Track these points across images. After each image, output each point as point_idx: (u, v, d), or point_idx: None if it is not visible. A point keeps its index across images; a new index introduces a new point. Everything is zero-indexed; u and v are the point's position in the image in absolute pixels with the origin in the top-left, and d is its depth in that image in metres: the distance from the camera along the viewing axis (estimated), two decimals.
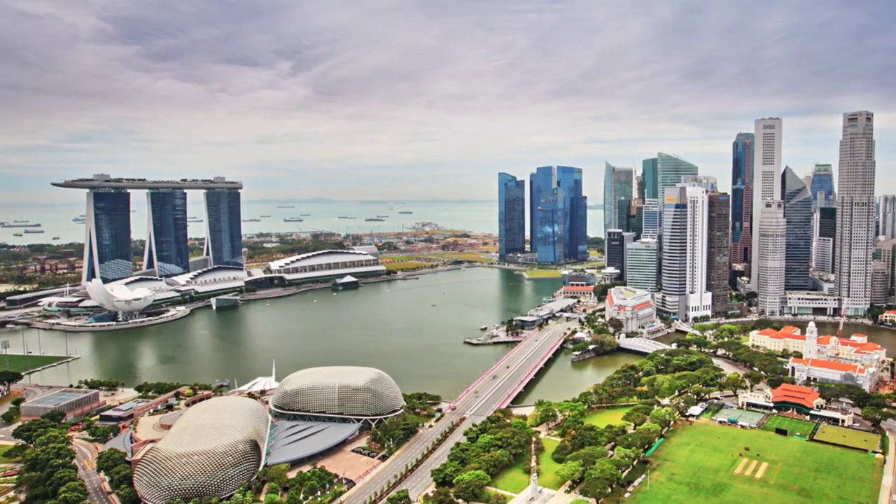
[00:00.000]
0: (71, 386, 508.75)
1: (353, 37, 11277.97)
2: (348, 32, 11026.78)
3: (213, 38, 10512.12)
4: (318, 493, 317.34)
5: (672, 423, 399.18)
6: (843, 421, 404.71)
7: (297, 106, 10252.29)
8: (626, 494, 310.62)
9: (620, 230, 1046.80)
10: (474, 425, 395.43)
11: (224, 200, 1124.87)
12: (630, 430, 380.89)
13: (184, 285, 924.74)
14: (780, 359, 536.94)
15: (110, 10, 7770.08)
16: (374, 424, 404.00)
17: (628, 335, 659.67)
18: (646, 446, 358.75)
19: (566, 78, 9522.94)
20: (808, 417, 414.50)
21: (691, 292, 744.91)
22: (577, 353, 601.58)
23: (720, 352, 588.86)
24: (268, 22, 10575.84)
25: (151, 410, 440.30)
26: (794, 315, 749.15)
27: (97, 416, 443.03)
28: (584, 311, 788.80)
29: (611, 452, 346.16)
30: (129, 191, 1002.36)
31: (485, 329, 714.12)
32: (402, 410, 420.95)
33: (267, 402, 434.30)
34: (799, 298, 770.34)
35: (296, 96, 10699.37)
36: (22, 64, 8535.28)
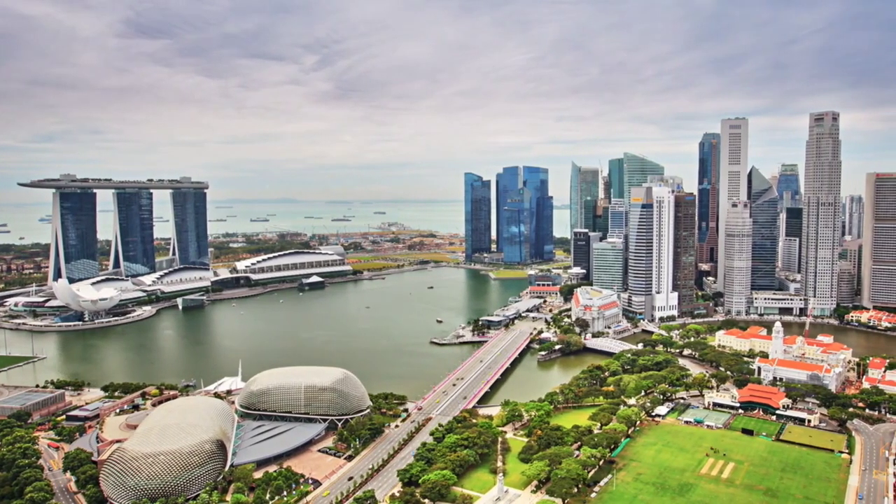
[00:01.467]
0: (37, 386, 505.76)
1: (384, 30, 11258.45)
2: (381, 25, 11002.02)
3: (244, 31, 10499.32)
4: (285, 493, 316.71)
5: (638, 423, 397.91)
6: (809, 421, 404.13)
7: (317, 100, 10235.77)
8: (593, 494, 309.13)
9: (587, 230, 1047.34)
10: (440, 425, 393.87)
11: (190, 200, 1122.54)
12: (596, 430, 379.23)
13: (150, 285, 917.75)
14: (746, 359, 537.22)
15: (146, 2, 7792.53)
16: (340, 424, 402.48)
17: (594, 335, 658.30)
18: (612, 446, 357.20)
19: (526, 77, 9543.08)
20: (774, 417, 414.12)
21: (657, 292, 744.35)
22: (543, 353, 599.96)
23: (686, 352, 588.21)
24: (302, 15, 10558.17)
25: (118, 410, 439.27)
26: (761, 315, 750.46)
27: (63, 416, 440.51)
28: (551, 311, 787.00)
29: (577, 452, 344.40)
30: (95, 191, 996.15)
31: (440, 321, 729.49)
32: (368, 410, 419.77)
33: (233, 402, 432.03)
34: (765, 298, 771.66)
35: (315, 91, 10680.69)
36: (44, 57, 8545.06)
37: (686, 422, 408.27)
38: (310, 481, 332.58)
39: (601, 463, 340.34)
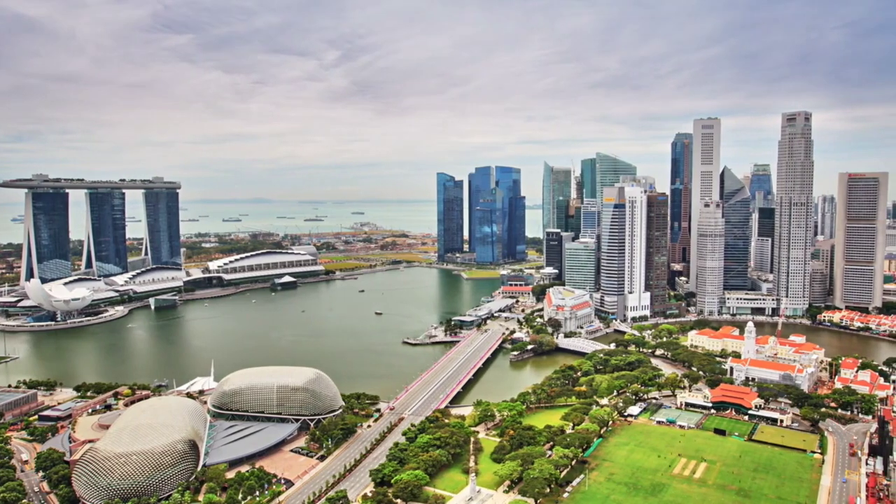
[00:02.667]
0: (9, 386, 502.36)
1: (410, 24, 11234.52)
2: (409, 19, 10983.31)
3: (271, 26, 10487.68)
4: (257, 493, 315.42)
5: (611, 423, 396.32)
6: (781, 421, 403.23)
7: (331, 97, 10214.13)
8: (565, 494, 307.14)
9: (559, 230, 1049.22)
10: (413, 425, 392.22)
11: (163, 200, 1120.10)
12: (569, 430, 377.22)
13: (122, 285, 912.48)
14: (718, 359, 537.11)
15: None
16: (312, 424, 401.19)
17: (567, 335, 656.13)
18: (584, 446, 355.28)
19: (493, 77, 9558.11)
20: (746, 417, 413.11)
21: (630, 292, 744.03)
22: (515, 353, 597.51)
23: (659, 352, 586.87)
24: (333, 8, 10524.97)
25: (90, 410, 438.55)
26: (733, 315, 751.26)
27: (35, 416, 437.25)
28: (523, 311, 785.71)
29: (549, 452, 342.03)
30: (67, 191, 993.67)
31: (380, 314, 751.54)
32: (340, 410, 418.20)
33: (205, 402, 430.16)
34: (737, 298, 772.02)
35: (330, 87, 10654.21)
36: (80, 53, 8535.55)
37: (658, 422, 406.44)
38: (282, 481, 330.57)
39: (573, 463, 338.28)
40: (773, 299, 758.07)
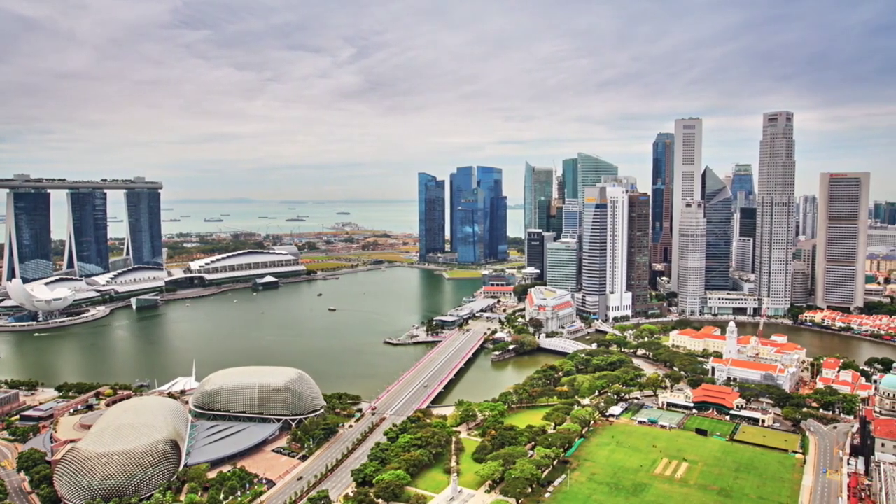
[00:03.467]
0: None
1: (428, 21, 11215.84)
2: (427, 15, 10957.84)
3: (288, 22, 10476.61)
4: (239, 493, 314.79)
5: (592, 423, 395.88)
6: (763, 421, 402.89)
7: (341, 96, 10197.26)
8: (547, 494, 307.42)
9: (540, 230, 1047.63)
10: (394, 425, 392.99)
11: (144, 200, 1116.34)
12: (550, 430, 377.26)
13: (104, 285, 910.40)
14: (700, 359, 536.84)
15: None
16: (294, 424, 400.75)
17: (548, 335, 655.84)
18: (566, 446, 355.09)
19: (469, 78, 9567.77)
20: (728, 417, 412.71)
21: (611, 292, 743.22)
22: (497, 353, 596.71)
23: (640, 352, 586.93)
24: (354, 4, 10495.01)
25: (72, 410, 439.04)
26: (715, 315, 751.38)
27: (17, 416, 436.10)
28: (505, 311, 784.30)
29: (531, 452, 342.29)
30: (49, 191, 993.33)
31: (333, 310, 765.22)
32: (322, 410, 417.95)
33: (187, 402, 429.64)
34: (719, 298, 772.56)
35: (343, 85, 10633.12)
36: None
37: (640, 422, 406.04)
38: (264, 481, 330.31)
39: (555, 463, 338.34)
40: (754, 299, 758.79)
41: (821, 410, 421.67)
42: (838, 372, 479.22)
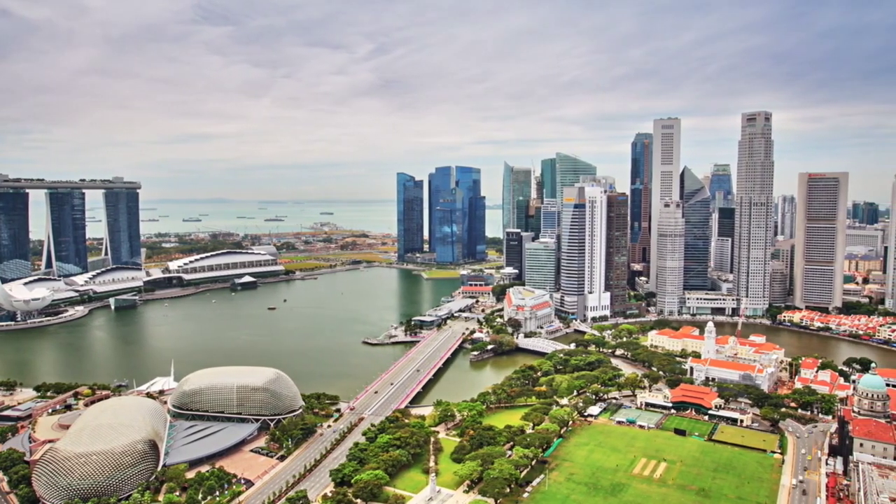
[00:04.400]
0: None
1: (450, 17, 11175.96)
2: (449, 11, 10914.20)
3: (311, 18, 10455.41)
4: (217, 493, 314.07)
5: (570, 423, 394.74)
6: (741, 421, 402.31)
7: (354, 93, 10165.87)
8: (525, 494, 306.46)
9: (519, 230, 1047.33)
10: (373, 425, 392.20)
11: (123, 200, 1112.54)
12: (528, 430, 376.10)
13: (82, 285, 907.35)
14: (678, 359, 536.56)
15: None
16: (272, 424, 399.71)
17: (527, 335, 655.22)
18: (544, 446, 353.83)
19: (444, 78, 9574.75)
20: (706, 417, 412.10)
21: (590, 292, 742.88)
22: (475, 353, 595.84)
23: (619, 352, 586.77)
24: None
25: (50, 410, 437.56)
26: (693, 315, 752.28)
27: None
28: (483, 311, 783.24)
29: (509, 452, 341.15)
30: (27, 191, 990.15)
31: (273, 308, 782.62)
32: (300, 410, 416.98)
33: (165, 402, 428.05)
34: (697, 298, 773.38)
35: (358, 82, 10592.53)
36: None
37: (618, 422, 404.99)
38: (242, 481, 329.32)
39: (533, 463, 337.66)
40: (733, 299, 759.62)
41: (799, 410, 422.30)
42: (817, 372, 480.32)
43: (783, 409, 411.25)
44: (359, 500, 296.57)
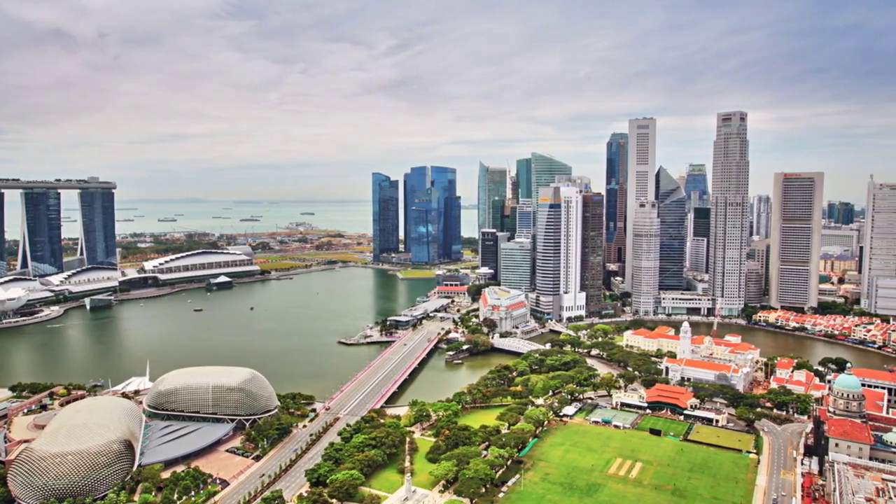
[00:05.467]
0: None
1: (476, 12, 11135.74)
2: (476, 5, 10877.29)
3: (336, 13, 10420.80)
4: (193, 493, 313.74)
5: (546, 423, 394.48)
6: (717, 421, 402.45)
7: (367, 90, 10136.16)
8: (500, 494, 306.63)
9: (494, 230, 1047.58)
10: (348, 425, 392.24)
11: (98, 200, 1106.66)
12: (504, 430, 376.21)
13: (58, 285, 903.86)
14: (654, 359, 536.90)
15: None
16: (248, 424, 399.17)
17: (502, 335, 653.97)
18: (520, 446, 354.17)
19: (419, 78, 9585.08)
20: (682, 417, 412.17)
21: (565, 292, 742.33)
22: (451, 353, 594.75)
23: (594, 352, 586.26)
24: None
25: (25, 410, 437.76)
26: (669, 315, 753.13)
27: None
28: (458, 311, 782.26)
29: (485, 452, 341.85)
30: (2, 191, 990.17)
31: (199, 310, 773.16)
32: (276, 410, 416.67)
33: (141, 402, 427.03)
34: (673, 298, 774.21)
35: (375, 78, 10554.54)
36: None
37: (594, 422, 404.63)
38: (217, 481, 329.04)
39: (509, 463, 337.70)
40: (708, 299, 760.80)
41: (775, 410, 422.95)
42: (792, 372, 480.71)
43: (758, 409, 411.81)
44: (334, 500, 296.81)
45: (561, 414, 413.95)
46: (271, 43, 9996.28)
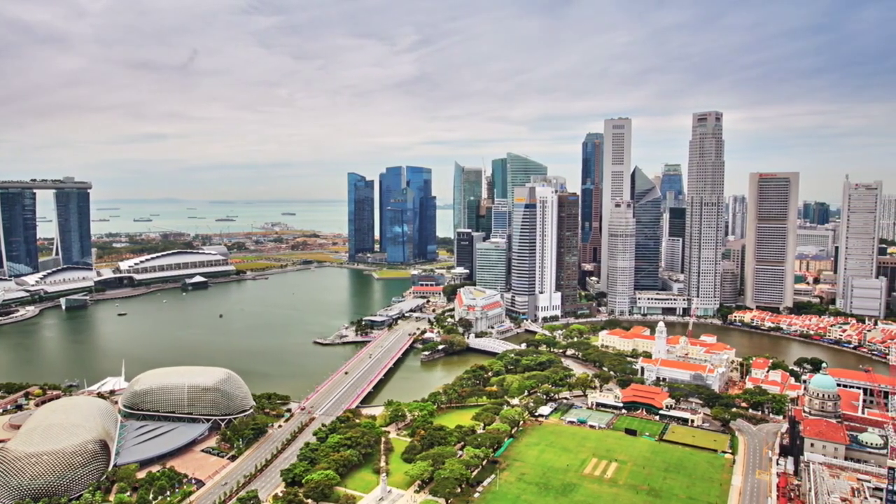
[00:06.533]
0: None
1: (503, 7, 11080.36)
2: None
3: (363, 7, 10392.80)
4: (168, 493, 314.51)
5: (521, 423, 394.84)
6: (692, 421, 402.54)
7: (383, 88, 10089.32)
8: (476, 494, 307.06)
9: (470, 230, 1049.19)
10: (324, 425, 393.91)
11: (73, 200, 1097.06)
12: (479, 430, 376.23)
13: (33, 285, 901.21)
14: (629, 359, 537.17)
15: None
16: (223, 424, 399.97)
17: (478, 335, 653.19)
18: (495, 446, 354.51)
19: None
20: (657, 417, 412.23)
21: (541, 292, 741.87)
22: (426, 353, 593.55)
23: (570, 352, 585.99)
24: None
25: (1, 410, 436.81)
26: (644, 315, 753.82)
27: None
28: (434, 311, 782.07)
29: (460, 452, 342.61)
30: None
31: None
32: (251, 410, 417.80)
33: (116, 402, 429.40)
34: (648, 298, 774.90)
35: (394, 75, 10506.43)
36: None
37: (569, 422, 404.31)
38: (193, 481, 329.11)
39: (484, 463, 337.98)
40: (683, 299, 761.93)
41: (750, 410, 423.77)
42: (767, 372, 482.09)
43: (734, 409, 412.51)
44: (310, 500, 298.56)
45: (536, 414, 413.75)
46: (294, 38, 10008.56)
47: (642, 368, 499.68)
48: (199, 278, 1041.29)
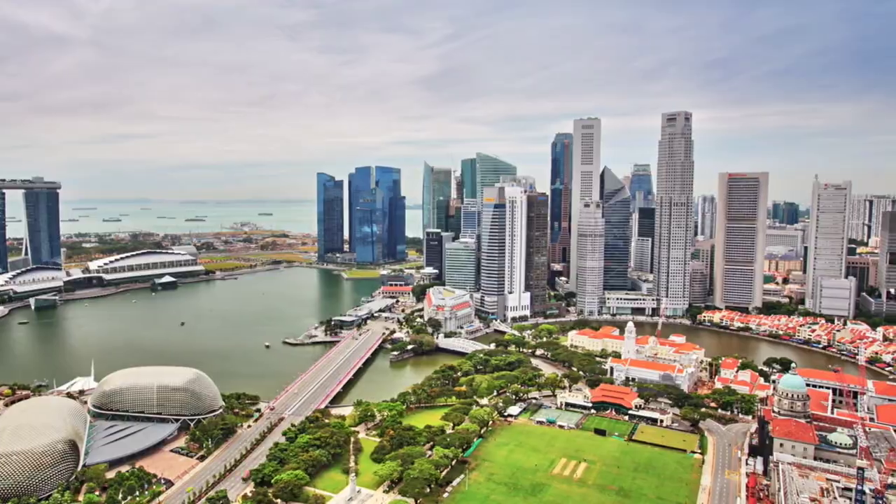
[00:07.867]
0: None
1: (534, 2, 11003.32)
2: None
3: (398, 4, 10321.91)
4: (137, 493, 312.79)
5: (491, 423, 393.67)
6: (661, 421, 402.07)
7: (402, 84, 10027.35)
8: (445, 494, 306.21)
9: (439, 230, 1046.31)
10: (293, 425, 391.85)
11: (43, 200, 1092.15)
12: (449, 430, 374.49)
13: (2, 285, 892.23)
14: (598, 359, 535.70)
15: None
16: (192, 424, 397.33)
17: (447, 335, 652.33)
18: (464, 446, 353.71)
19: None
20: (626, 417, 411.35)
21: (510, 292, 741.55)
22: (395, 353, 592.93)
23: (539, 352, 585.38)
24: None
25: None
26: (613, 315, 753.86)
27: None
28: (403, 311, 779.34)
29: (429, 452, 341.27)
30: None
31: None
32: (220, 410, 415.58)
33: (86, 402, 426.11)
34: (617, 298, 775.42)
35: (418, 71, 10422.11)
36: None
37: (538, 422, 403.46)
38: (162, 481, 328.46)
39: (453, 463, 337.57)
40: (653, 299, 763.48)
41: (719, 410, 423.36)
42: (737, 372, 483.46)
43: (703, 410, 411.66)
44: (279, 501, 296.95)
45: (505, 414, 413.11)
46: (323, 32, 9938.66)
47: (611, 368, 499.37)
48: (168, 278, 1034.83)
